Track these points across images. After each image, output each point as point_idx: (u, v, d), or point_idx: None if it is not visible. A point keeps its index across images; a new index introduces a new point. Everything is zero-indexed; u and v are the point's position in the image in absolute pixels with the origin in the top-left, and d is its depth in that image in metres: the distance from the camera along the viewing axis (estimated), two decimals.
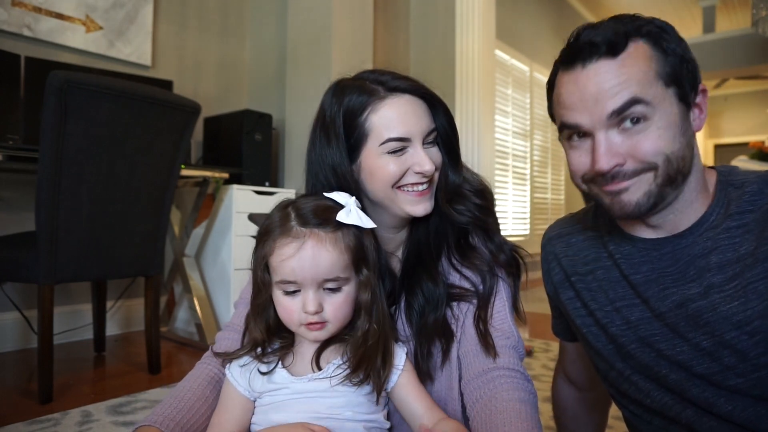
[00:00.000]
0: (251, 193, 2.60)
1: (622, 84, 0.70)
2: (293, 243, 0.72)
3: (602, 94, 0.71)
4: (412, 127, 0.85)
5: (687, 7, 6.88)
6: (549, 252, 0.98)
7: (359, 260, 0.77)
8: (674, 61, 0.72)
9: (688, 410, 0.77)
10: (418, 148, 0.85)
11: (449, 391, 0.86)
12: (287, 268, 0.72)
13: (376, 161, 0.85)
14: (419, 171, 0.84)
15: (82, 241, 1.76)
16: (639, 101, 0.70)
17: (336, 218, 0.75)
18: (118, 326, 2.72)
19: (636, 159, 0.72)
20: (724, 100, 9.62)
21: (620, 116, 0.71)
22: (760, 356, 0.70)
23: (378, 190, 0.87)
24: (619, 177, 0.73)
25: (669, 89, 0.72)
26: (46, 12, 2.47)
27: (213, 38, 3.24)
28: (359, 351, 0.75)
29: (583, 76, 0.73)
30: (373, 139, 0.85)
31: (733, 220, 0.74)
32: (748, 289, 0.71)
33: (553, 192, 6.12)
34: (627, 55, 0.71)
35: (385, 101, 0.85)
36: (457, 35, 3.77)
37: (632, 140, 0.71)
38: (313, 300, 0.72)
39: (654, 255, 0.80)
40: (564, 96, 0.75)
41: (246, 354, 0.78)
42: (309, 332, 0.75)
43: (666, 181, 0.72)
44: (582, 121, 0.73)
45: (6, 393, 1.78)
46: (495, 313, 0.87)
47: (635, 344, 0.81)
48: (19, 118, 2.25)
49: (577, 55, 0.73)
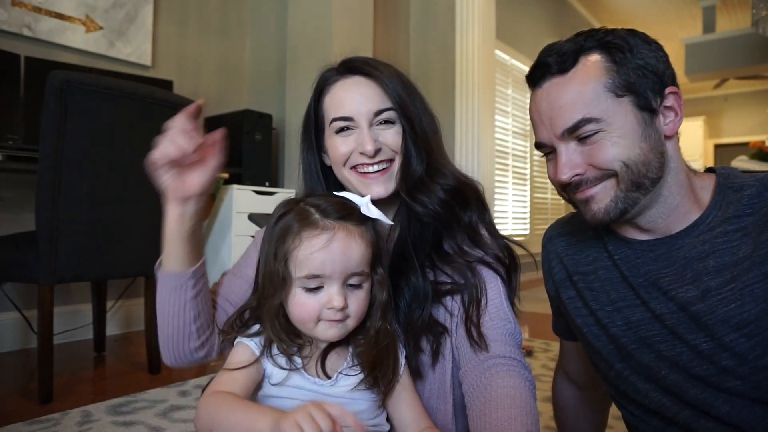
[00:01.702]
0: (251, 193, 2.60)
1: (571, 103, 0.74)
2: (323, 235, 0.70)
3: (555, 112, 0.76)
4: (355, 106, 0.87)
5: (687, 7, 6.88)
6: (550, 251, 0.98)
7: (376, 258, 0.76)
8: (629, 71, 0.74)
9: (685, 411, 0.77)
10: (363, 128, 0.86)
11: (442, 386, 0.86)
12: (316, 261, 0.69)
13: (330, 142, 0.90)
14: (362, 151, 0.86)
15: (82, 241, 1.76)
16: (588, 120, 0.73)
17: (360, 212, 0.74)
18: (118, 326, 2.72)
19: (594, 167, 0.75)
20: (724, 100, 9.62)
21: (573, 134, 0.75)
22: (758, 358, 0.70)
23: (338, 173, 0.91)
24: (583, 184, 0.77)
25: (623, 99, 0.74)
26: (46, 12, 2.47)
27: (213, 38, 3.24)
28: (372, 352, 0.74)
29: (539, 96, 0.79)
30: (326, 120, 0.90)
31: (731, 224, 0.74)
32: (746, 292, 0.71)
33: (553, 192, 6.12)
34: (576, 72, 0.75)
35: (337, 83, 0.90)
36: (457, 35, 3.77)
37: (588, 150, 0.75)
38: (339, 294, 0.70)
39: (649, 256, 0.80)
40: (531, 116, 0.82)
41: (258, 335, 0.75)
42: (327, 330, 0.72)
43: (630, 185, 0.74)
44: (543, 138, 0.79)
45: (6, 393, 1.78)
46: (489, 300, 0.85)
47: (635, 345, 0.81)
48: (19, 118, 2.25)
49: (533, 77, 0.79)
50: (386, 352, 0.75)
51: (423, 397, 0.85)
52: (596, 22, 7.11)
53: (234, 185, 2.54)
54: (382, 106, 0.87)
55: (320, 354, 0.75)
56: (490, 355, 0.80)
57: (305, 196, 0.79)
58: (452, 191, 0.89)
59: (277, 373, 0.73)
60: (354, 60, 0.91)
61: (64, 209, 1.69)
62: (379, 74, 0.88)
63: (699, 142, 9.57)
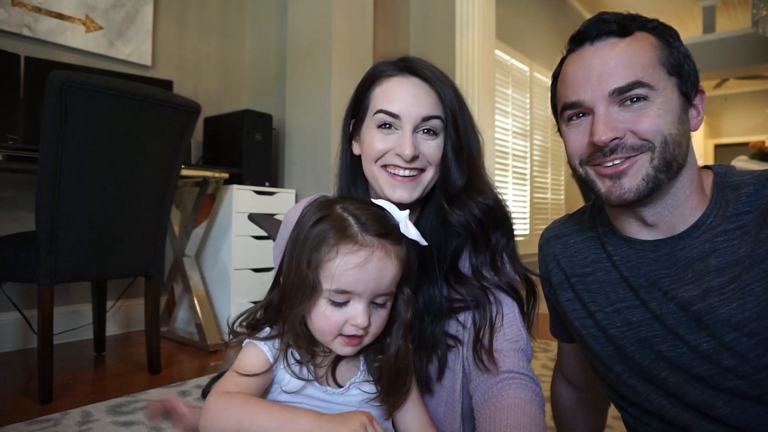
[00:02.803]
0: (251, 193, 2.60)
1: (627, 64, 0.72)
2: (361, 252, 0.68)
3: (607, 71, 0.73)
4: (405, 106, 0.85)
5: (687, 7, 6.88)
6: (547, 253, 0.97)
7: (407, 277, 0.74)
8: (678, 55, 0.75)
9: (686, 413, 0.77)
10: (407, 130, 0.85)
11: (451, 395, 0.86)
12: (350, 278, 0.67)
13: (368, 133, 0.88)
14: (399, 153, 0.84)
15: (82, 241, 1.76)
16: (642, 84, 0.72)
17: (398, 231, 0.72)
18: (118, 326, 2.72)
19: (635, 134, 0.73)
20: (724, 100, 9.62)
21: (622, 95, 0.73)
22: (759, 357, 0.70)
23: (366, 166, 0.90)
24: (618, 151, 0.73)
25: (672, 78, 0.74)
26: (46, 12, 2.47)
27: (213, 38, 3.24)
28: (391, 372, 0.72)
29: (589, 52, 0.76)
30: (371, 110, 0.88)
31: (731, 223, 0.74)
32: (746, 291, 0.71)
33: (553, 192, 6.12)
34: (634, 39, 0.74)
35: (392, 78, 0.88)
36: (457, 35, 3.77)
37: (632, 116, 0.73)
38: (365, 314, 0.69)
39: (651, 257, 0.80)
40: (569, 75, 0.78)
41: (271, 338, 0.73)
42: (344, 346, 0.71)
43: (662, 164, 0.73)
44: (584, 97, 0.75)
45: (6, 393, 1.78)
46: (504, 316, 0.86)
47: (635, 346, 0.81)
48: (19, 118, 2.25)
49: (587, 33, 0.76)
50: (405, 372, 0.74)
51: (430, 406, 0.85)
52: None
53: (234, 185, 2.54)
54: (431, 112, 0.86)
55: (331, 363, 0.74)
56: (502, 369, 0.81)
57: (343, 199, 0.76)
58: (488, 211, 0.88)
59: (294, 382, 0.72)
60: (414, 60, 0.90)
61: (64, 209, 1.69)
62: (437, 81, 0.87)
63: (699, 142, 9.57)
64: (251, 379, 0.70)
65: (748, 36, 5.69)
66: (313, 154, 2.90)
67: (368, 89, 0.90)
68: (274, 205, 2.69)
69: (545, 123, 5.82)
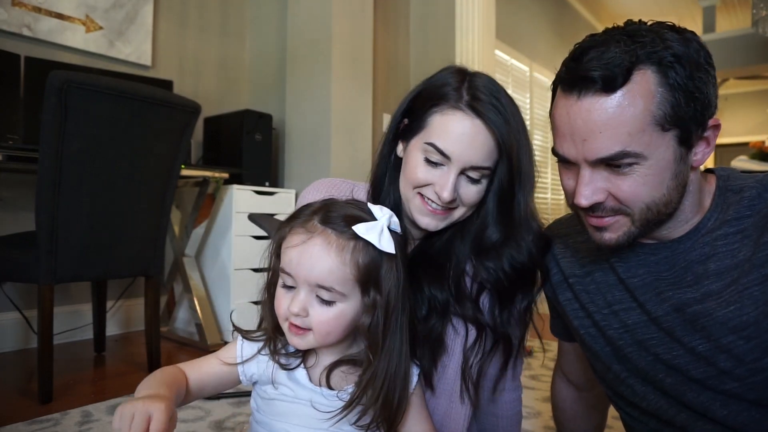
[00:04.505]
0: (251, 193, 2.60)
1: (612, 133, 0.67)
2: (303, 235, 0.70)
3: (592, 135, 0.68)
4: (458, 150, 0.81)
5: (687, 7, 6.88)
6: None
7: (368, 281, 0.70)
8: (680, 99, 0.66)
9: (683, 414, 0.77)
10: (452, 172, 0.81)
11: (453, 386, 0.87)
12: (287, 257, 0.70)
13: (413, 155, 0.85)
14: (437, 192, 0.82)
15: (82, 241, 1.76)
16: (628, 154, 0.67)
17: (354, 231, 0.70)
18: (118, 326, 2.72)
19: (615, 199, 0.71)
20: (724, 100, 9.61)
21: (607, 164, 0.70)
22: (756, 361, 0.70)
23: (403, 185, 0.88)
24: (599, 211, 0.73)
25: (667, 133, 0.67)
26: (46, 12, 2.47)
27: (213, 38, 3.24)
28: (376, 404, 0.70)
29: (575, 108, 0.69)
30: (424, 133, 0.84)
31: (731, 226, 0.74)
32: (744, 295, 0.70)
33: (553, 192, 6.11)
34: (626, 92, 0.66)
35: (457, 112, 0.82)
36: (457, 35, 3.77)
37: (616, 179, 0.70)
38: (300, 301, 0.69)
39: (651, 260, 0.80)
40: (557, 121, 0.74)
41: (260, 340, 0.77)
42: (290, 334, 0.72)
43: (643, 225, 0.72)
44: (569, 155, 0.72)
45: (6, 393, 1.78)
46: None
47: (632, 347, 0.81)
48: (19, 118, 2.25)
49: (573, 84, 0.69)
50: (389, 395, 0.71)
51: (431, 405, 0.86)
52: (596, 22, 7.11)
53: (234, 185, 2.54)
54: (482, 163, 0.82)
55: (326, 368, 0.74)
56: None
57: (346, 200, 0.78)
58: (519, 270, 0.86)
59: (264, 375, 0.76)
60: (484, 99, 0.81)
61: (64, 209, 1.69)
62: (501, 124, 0.81)
63: None
64: (211, 365, 0.77)
65: (748, 36, 5.68)
66: (313, 154, 2.90)
67: (429, 108, 0.84)
68: (274, 205, 2.69)
69: (545, 123, 5.82)
